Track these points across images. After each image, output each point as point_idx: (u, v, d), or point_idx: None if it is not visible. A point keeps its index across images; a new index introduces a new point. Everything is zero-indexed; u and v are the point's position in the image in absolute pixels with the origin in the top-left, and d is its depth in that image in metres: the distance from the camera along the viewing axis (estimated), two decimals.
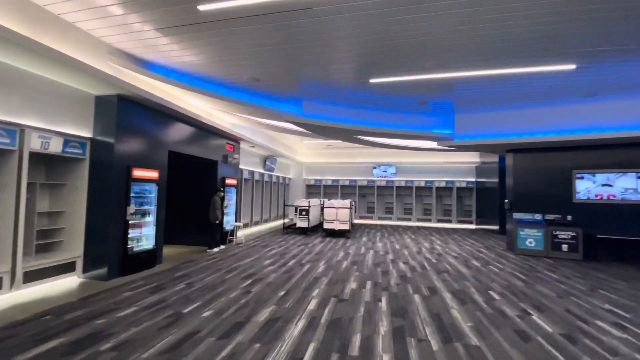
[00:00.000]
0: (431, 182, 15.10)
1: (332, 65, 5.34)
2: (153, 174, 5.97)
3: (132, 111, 5.53)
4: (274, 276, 5.43)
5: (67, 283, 4.77)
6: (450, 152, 12.52)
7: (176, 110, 6.18)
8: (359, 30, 4.15)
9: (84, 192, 5.17)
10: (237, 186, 9.59)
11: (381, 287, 4.94)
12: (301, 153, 16.09)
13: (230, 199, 9.03)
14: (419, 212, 15.49)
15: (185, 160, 7.68)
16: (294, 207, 11.47)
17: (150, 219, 6.00)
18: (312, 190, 16.69)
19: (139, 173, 5.62)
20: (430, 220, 15.07)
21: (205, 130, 7.80)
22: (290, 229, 11.30)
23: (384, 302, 4.28)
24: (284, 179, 15.18)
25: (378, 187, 15.79)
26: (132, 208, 5.50)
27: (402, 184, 15.48)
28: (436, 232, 12.31)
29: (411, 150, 13.01)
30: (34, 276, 4.46)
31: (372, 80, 5.89)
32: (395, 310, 4.01)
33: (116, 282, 4.90)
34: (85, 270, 5.11)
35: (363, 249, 8.23)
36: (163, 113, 6.28)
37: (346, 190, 16.32)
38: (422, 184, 15.24)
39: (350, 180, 16.09)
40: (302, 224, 10.85)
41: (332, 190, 16.42)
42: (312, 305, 4.11)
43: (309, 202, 11.22)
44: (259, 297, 4.35)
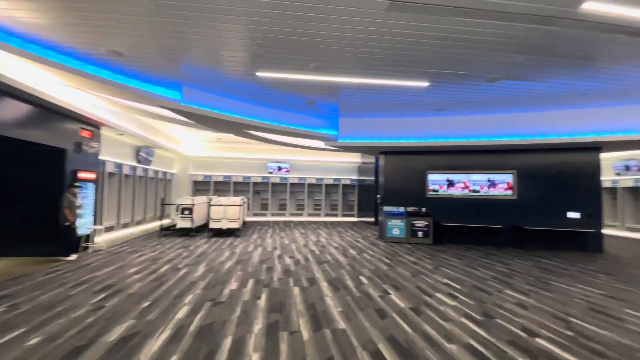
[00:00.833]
0: (321, 179, 16.05)
1: (219, 51, 4.95)
2: None
3: None
4: (138, 286, 4.69)
5: None
6: (336, 151, 13.51)
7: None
8: (248, 18, 3.93)
9: None
10: (97, 181, 7.92)
11: (263, 284, 4.88)
12: (187, 145, 14.63)
13: (86, 196, 7.38)
14: (310, 208, 16.25)
15: (22, 147, 5.91)
16: (176, 206, 10.32)
17: None
18: (201, 187, 15.43)
19: None
20: (319, 215, 16.02)
21: (50, 110, 6.16)
22: (169, 231, 10.11)
23: (263, 299, 4.22)
24: (165, 174, 13.50)
25: (273, 184, 15.80)
26: None
27: (296, 181, 15.92)
28: (324, 226, 13.12)
29: (304, 148, 13.48)
30: None
31: (258, 74, 5.75)
32: (274, 305, 4.00)
33: None
34: None
35: (251, 247, 8.03)
36: None
37: (240, 187, 15.73)
38: (314, 181, 16.03)
39: (244, 177, 15.58)
40: (184, 224, 9.87)
41: (223, 187, 15.55)
42: (181, 313, 3.70)
43: (193, 199, 10.30)
44: (113, 313, 3.66)
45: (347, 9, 3.69)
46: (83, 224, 7.11)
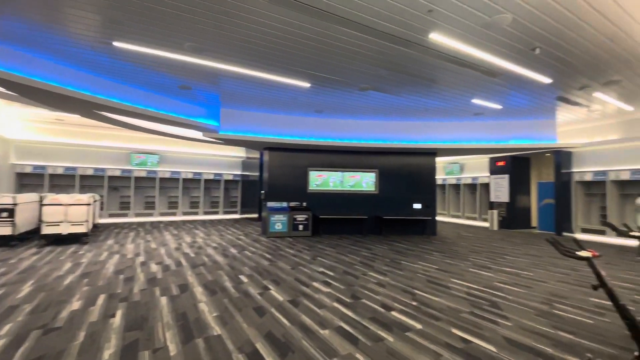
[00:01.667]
0: (200, 174, 14.72)
1: (61, 6, 3.79)
2: None
3: None
4: None
5: None
6: (218, 144, 12.68)
7: None
8: None
9: None
10: None
11: (119, 299, 4.06)
12: (7, 126, 10.91)
13: None
14: (186, 206, 14.69)
15: None
16: None
17: None
18: (30, 181, 11.79)
19: None
20: (197, 214, 14.66)
21: None
22: None
23: (118, 317, 3.50)
24: None
25: (137, 179, 13.49)
26: None
27: (167, 176, 14.07)
28: (201, 225, 12.11)
29: (178, 138, 12.07)
30: None
31: (115, 44, 4.73)
32: (133, 322, 3.37)
33: None
34: None
35: (105, 255, 6.62)
36: None
37: (90, 182, 12.77)
38: (190, 176, 14.55)
39: (96, 169, 12.72)
40: (1, 231, 7.31)
41: (65, 181, 12.30)
42: None
43: (16, 197, 7.75)
44: None
45: None
46: None
